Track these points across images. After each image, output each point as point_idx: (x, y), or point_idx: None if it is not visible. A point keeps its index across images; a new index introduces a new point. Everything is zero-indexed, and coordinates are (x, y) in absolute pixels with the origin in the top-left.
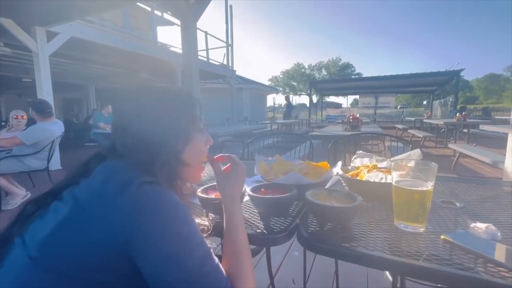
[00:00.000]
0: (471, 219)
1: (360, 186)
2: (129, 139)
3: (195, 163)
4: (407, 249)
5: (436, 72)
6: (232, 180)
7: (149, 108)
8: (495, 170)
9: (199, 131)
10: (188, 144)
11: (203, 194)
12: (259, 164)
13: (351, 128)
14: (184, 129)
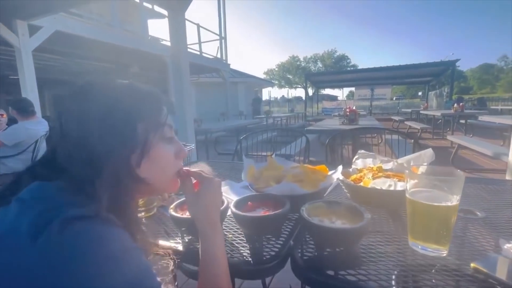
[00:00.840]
0: (500, 235)
1: (365, 194)
2: (68, 148)
3: (159, 180)
4: (431, 283)
5: (431, 63)
6: (206, 201)
7: (97, 109)
8: (495, 162)
9: (166, 140)
10: (145, 156)
11: (177, 211)
12: (248, 168)
13: (349, 122)
14: (141, 137)
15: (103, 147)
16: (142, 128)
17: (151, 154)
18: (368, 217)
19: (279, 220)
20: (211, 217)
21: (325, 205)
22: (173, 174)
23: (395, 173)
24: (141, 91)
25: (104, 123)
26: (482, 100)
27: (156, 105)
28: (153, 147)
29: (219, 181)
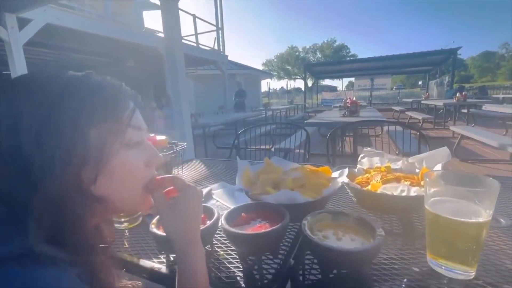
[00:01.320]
0: None
1: (374, 200)
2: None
3: (125, 198)
4: None
5: (432, 51)
6: (183, 213)
7: (34, 110)
8: (498, 153)
9: (131, 146)
10: (102, 169)
11: (159, 227)
12: (243, 172)
13: (350, 114)
14: (95, 145)
15: (42, 160)
16: (95, 134)
17: (111, 166)
18: (382, 234)
19: (277, 236)
20: (190, 233)
21: (330, 217)
22: (145, 187)
23: (405, 175)
24: (94, 86)
25: (43, 129)
26: (483, 88)
27: (115, 103)
28: (112, 156)
29: (199, 190)
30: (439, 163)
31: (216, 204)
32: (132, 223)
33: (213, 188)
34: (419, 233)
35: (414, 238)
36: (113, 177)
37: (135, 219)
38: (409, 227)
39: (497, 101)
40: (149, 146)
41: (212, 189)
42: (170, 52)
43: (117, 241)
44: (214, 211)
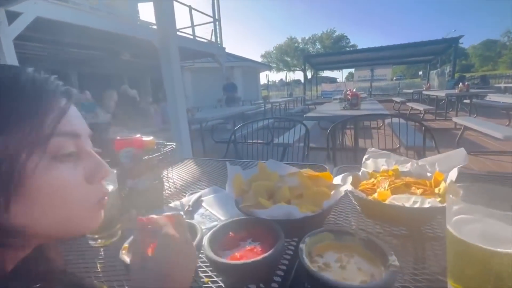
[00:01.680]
0: None
1: (382, 212)
2: None
3: (59, 223)
4: None
5: (434, 41)
6: (154, 273)
7: None
8: (501, 144)
9: (63, 158)
10: (16, 192)
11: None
12: (233, 179)
13: (350, 106)
14: (4, 159)
15: None
16: (3, 147)
17: (29, 187)
18: (396, 264)
19: (269, 265)
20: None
21: (332, 236)
22: (89, 207)
23: (416, 180)
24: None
25: None
26: (485, 78)
27: (33, 103)
28: (30, 175)
29: (183, 241)
30: (454, 167)
31: (205, 213)
32: (108, 239)
33: (203, 194)
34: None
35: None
36: (36, 200)
37: (112, 234)
38: (419, 240)
39: (499, 91)
40: (91, 156)
41: (202, 195)
42: (164, 45)
43: (88, 264)
44: (198, 229)
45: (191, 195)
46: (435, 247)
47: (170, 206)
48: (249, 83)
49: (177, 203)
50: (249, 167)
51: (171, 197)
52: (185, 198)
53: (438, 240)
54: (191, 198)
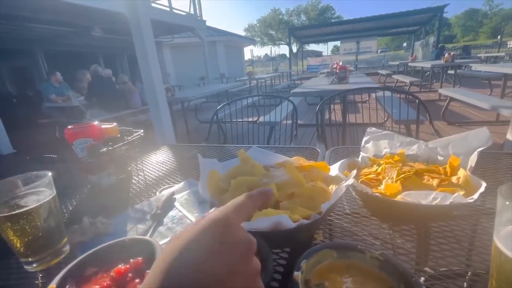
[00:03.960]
0: None
1: (393, 209)
2: None
3: None
4: None
5: (419, 10)
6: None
7: None
8: (484, 113)
9: None
10: None
11: None
12: (208, 176)
13: (338, 80)
14: None
15: None
16: None
17: None
18: None
19: None
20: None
21: (335, 255)
22: None
23: (427, 166)
24: None
25: None
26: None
27: None
28: None
29: None
30: (474, 150)
31: (176, 217)
32: (50, 260)
33: (176, 191)
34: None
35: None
36: None
37: (56, 252)
38: (425, 240)
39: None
40: None
41: (176, 191)
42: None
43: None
44: (157, 250)
45: (162, 190)
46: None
47: (136, 208)
48: (232, 59)
49: (145, 204)
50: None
51: (140, 194)
52: (155, 196)
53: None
54: (162, 197)
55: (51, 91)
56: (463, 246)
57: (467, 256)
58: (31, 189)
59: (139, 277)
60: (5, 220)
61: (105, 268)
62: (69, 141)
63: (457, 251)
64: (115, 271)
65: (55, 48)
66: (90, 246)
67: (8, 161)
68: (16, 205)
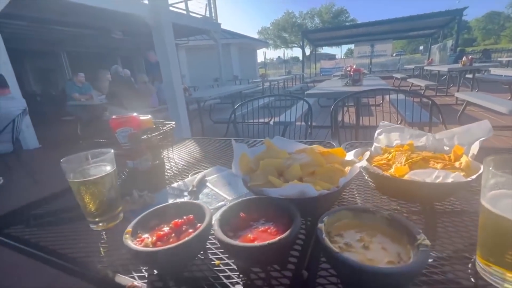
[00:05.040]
0: None
1: (400, 187)
2: None
3: None
4: None
5: (436, 13)
6: None
7: None
8: (502, 118)
9: None
10: None
11: (137, 237)
12: (240, 158)
13: (353, 83)
14: None
15: None
16: None
17: None
18: (426, 243)
19: (285, 246)
20: None
21: (351, 215)
22: None
23: (433, 154)
24: None
25: None
26: (487, 52)
27: None
28: None
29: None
30: (476, 140)
31: (210, 193)
32: (111, 221)
33: (207, 174)
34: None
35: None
36: None
37: (114, 217)
38: (431, 217)
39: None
40: None
41: (206, 174)
42: (156, 20)
43: (91, 248)
44: (206, 210)
45: (194, 175)
46: (456, 223)
47: (173, 187)
48: (245, 61)
49: (180, 184)
50: (252, 145)
51: (174, 177)
52: (188, 178)
53: (458, 215)
54: (195, 178)
55: (74, 89)
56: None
57: (469, 236)
58: (98, 163)
59: (192, 228)
60: (79, 184)
61: (164, 221)
62: (113, 129)
63: (462, 233)
64: (173, 223)
65: (76, 49)
66: (139, 213)
67: (35, 155)
68: (87, 174)
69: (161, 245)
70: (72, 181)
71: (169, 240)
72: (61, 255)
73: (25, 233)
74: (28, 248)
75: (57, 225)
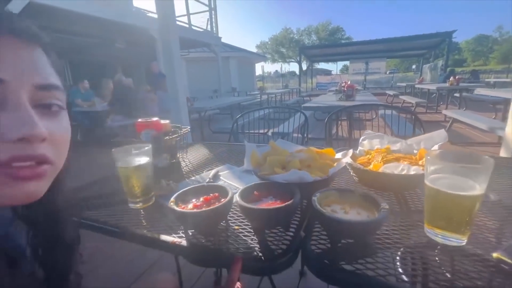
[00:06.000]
0: None
1: (375, 179)
2: None
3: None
4: (454, 277)
5: (427, 34)
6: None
7: None
8: (487, 136)
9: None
10: None
11: (178, 203)
12: (251, 154)
13: (346, 98)
14: None
15: None
16: None
17: None
18: (386, 207)
19: (290, 211)
20: None
21: (336, 194)
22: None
23: (404, 155)
24: None
25: None
26: (475, 72)
27: None
28: None
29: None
30: (436, 144)
31: (224, 185)
32: (145, 203)
33: (219, 170)
34: (414, 209)
35: (409, 213)
36: None
37: (149, 199)
38: (405, 204)
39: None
40: (18, 110)
41: (219, 170)
42: (164, 35)
43: (135, 219)
44: (228, 190)
45: (208, 171)
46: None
47: (192, 179)
48: (244, 74)
49: (198, 177)
50: None
51: (190, 173)
52: (204, 173)
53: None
54: (209, 173)
55: (78, 96)
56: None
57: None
58: (139, 154)
59: (217, 202)
60: (127, 170)
61: (197, 197)
62: (138, 130)
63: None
64: (204, 198)
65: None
66: (167, 198)
67: None
68: (132, 163)
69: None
70: (121, 167)
71: (202, 208)
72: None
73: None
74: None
75: (105, 207)
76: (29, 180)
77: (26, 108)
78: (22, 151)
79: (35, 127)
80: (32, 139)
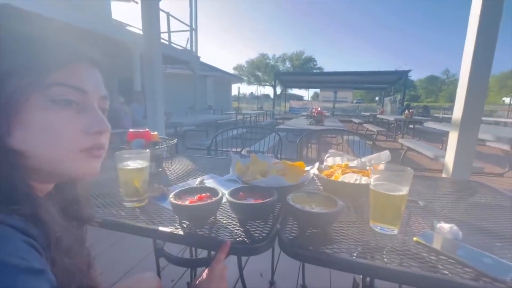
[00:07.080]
0: (435, 218)
1: (336, 186)
2: None
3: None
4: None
5: (388, 71)
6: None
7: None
8: (434, 163)
9: (62, 104)
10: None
11: (177, 199)
12: (235, 163)
13: (316, 122)
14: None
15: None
16: (13, 85)
17: (26, 118)
18: (342, 204)
19: (269, 207)
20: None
21: (306, 195)
22: (75, 152)
23: (359, 170)
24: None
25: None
26: (426, 108)
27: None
28: (29, 107)
29: (224, 267)
30: (382, 162)
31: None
32: (139, 203)
33: (204, 178)
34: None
35: (363, 214)
36: (30, 131)
37: (143, 199)
38: (359, 207)
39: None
40: (95, 112)
41: (204, 179)
42: (148, 51)
43: (132, 215)
44: (218, 191)
45: (193, 179)
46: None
47: (180, 185)
48: (220, 93)
49: (185, 184)
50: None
51: (176, 180)
52: (190, 181)
53: None
54: (195, 181)
55: None
56: None
57: None
58: (137, 158)
59: (209, 200)
60: (126, 171)
61: (191, 195)
62: (129, 139)
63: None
64: (198, 196)
65: None
66: (158, 199)
67: None
68: (131, 165)
69: None
70: (121, 168)
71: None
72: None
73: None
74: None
75: (104, 207)
76: (98, 160)
77: (99, 111)
78: (98, 140)
79: (107, 124)
80: (104, 132)
